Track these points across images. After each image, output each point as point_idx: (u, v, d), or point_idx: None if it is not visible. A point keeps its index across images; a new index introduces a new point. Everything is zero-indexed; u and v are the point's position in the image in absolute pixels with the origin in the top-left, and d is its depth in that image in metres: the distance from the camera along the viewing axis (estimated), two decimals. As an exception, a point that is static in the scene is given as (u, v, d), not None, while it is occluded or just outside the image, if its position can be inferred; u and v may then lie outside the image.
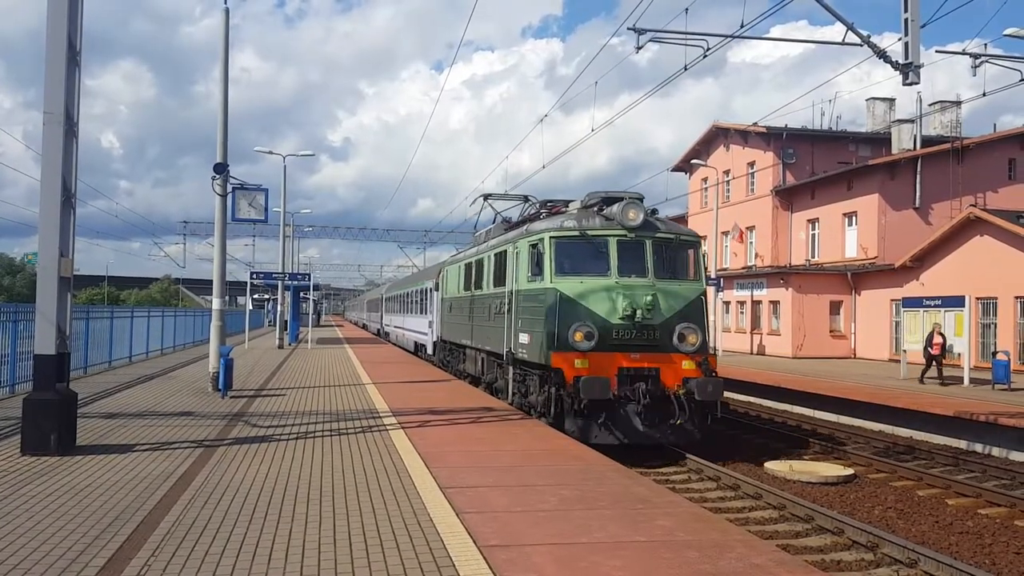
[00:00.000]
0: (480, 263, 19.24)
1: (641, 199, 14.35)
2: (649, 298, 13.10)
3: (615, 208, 13.92)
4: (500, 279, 16.67)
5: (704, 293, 14.22)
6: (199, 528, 6.65)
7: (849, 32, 13.12)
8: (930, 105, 40.90)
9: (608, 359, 13.04)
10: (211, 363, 17.25)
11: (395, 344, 42.18)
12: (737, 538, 6.75)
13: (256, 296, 68.38)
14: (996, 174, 36.69)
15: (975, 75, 15.83)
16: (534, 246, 14.30)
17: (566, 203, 16.63)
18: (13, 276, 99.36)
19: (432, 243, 69.65)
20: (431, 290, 28.33)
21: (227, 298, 20.09)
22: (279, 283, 39.81)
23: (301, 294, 46.63)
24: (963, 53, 15.94)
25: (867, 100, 44.99)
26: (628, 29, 14.21)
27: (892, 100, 44.78)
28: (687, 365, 13.30)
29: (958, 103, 40.93)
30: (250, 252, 70.64)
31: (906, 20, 12.12)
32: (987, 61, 15.76)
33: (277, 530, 6.64)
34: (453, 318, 23.33)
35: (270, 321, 67.07)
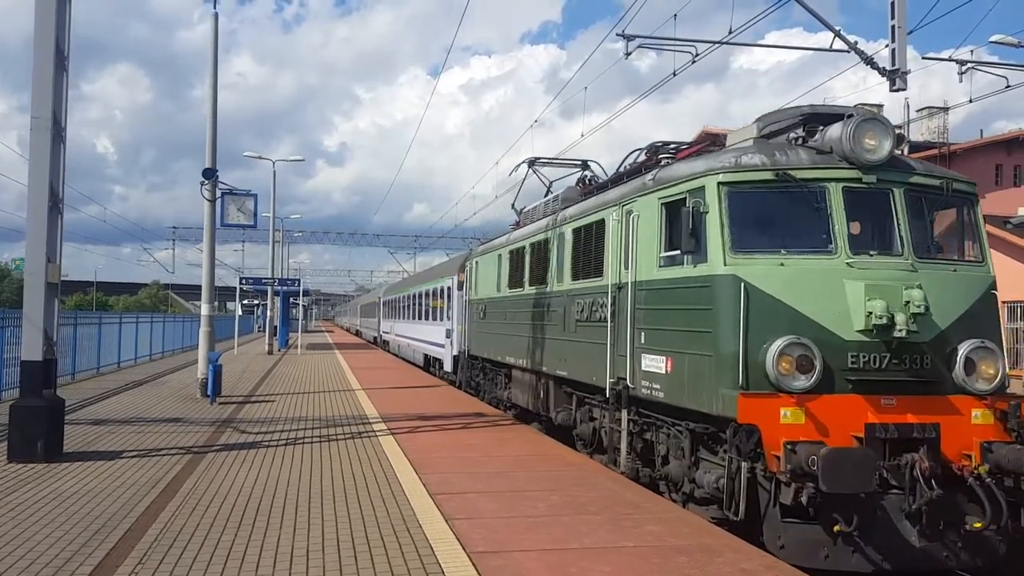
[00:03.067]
0: (542, 247, 13.50)
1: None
2: (916, 293, 7.30)
3: (836, 131, 7.89)
4: (589, 266, 11.11)
5: (994, 285, 8.31)
6: (187, 536, 6.61)
7: (837, 39, 13.19)
8: (917, 111, 41.16)
9: (844, 408, 7.30)
10: (200, 369, 17.19)
11: (397, 356, 36.52)
12: (726, 543, 6.75)
13: (245, 302, 68.10)
14: (983, 180, 36.89)
15: (961, 81, 15.96)
16: (672, 204, 8.66)
17: (709, 140, 10.41)
18: (0, 281, 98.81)
19: (423, 248, 69.45)
20: (451, 289, 22.96)
21: (216, 304, 20.03)
22: (268, 288, 39.74)
23: (291, 299, 46.51)
24: (950, 60, 16.05)
25: (855, 106, 45.20)
26: (617, 35, 14.24)
27: (880, 106, 45.01)
28: (980, 417, 7.55)
29: (945, 109, 41.21)
30: (240, 257, 70.47)
31: (893, 27, 12.24)
32: (973, 68, 15.89)
33: (265, 537, 6.61)
34: (490, 326, 17.49)
35: (259, 327, 66.85)
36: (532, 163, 17.32)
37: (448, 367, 22.98)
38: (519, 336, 14.70)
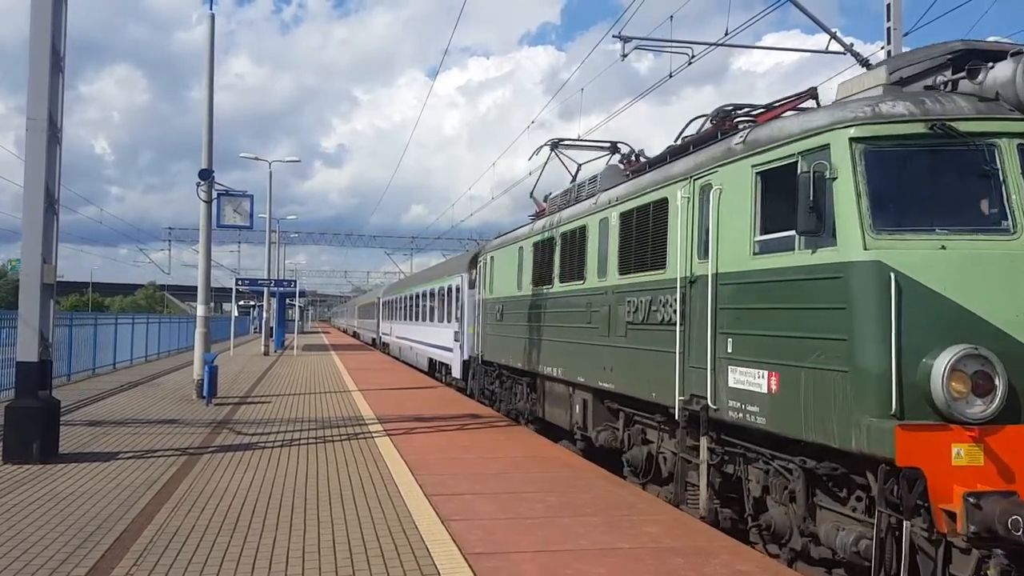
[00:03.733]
0: (577, 236, 11.60)
1: None
2: None
3: (1005, 70, 6.11)
4: (645, 257, 9.21)
5: None
6: (182, 537, 6.60)
7: (833, 41, 13.22)
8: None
9: None
10: (195, 370, 17.15)
11: (398, 359, 34.80)
12: (723, 545, 6.75)
13: (241, 303, 68.01)
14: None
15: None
16: (773, 172, 6.91)
17: (806, 94, 8.27)
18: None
19: (419, 249, 69.44)
20: (459, 288, 21.05)
21: (212, 304, 20.02)
22: (264, 289, 39.71)
23: (287, 300, 46.49)
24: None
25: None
26: (614, 37, 14.24)
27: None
28: None
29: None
30: (236, 258, 70.39)
31: (889, 28, 12.26)
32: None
33: (261, 539, 6.60)
34: (508, 329, 15.44)
35: (255, 328, 66.81)
36: (555, 145, 15.29)
37: (457, 373, 21.17)
38: (546, 340, 12.89)
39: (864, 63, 12.77)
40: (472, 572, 5.82)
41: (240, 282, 40.27)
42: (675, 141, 9.90)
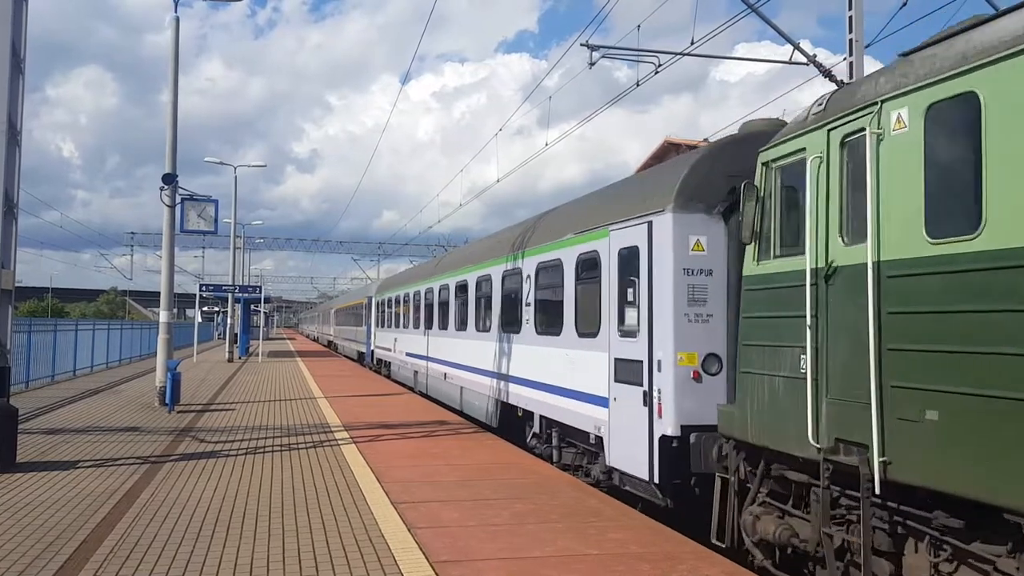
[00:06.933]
0: None
1: None
2: None
3: None
4: None
5: None
6: (144, 547, 6.51)
7: (796, 52, 13.41)
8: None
9: None
10: (158, 377, 16.93)
11: (411, 389, 22.17)
12: (689, 550, 6.80)
13: (205, 308, 67.13)
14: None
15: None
16: None
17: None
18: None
19: (387, 255, 69.07)
20: (634, 255, 8.87)
21: (175, 311, 19.77)
22: (229, 295, 39.30)
23: (252, 306, 46.02)
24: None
25: (815, 117, 45.92)
26: (581, 45, 14.32)
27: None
28: None
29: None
30: (201, 264, 69.54)
31: (851, 40, 12.47)
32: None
33: (224, 548, 6.53)
34: None
35: (219, 334, 66.03)
36: None
37: (638, 469, 8.64)
38: None
39: (827, 74, 12.98)
40: (439, 580, 5.81)
41: (204, 288, 39.84)
42: None
